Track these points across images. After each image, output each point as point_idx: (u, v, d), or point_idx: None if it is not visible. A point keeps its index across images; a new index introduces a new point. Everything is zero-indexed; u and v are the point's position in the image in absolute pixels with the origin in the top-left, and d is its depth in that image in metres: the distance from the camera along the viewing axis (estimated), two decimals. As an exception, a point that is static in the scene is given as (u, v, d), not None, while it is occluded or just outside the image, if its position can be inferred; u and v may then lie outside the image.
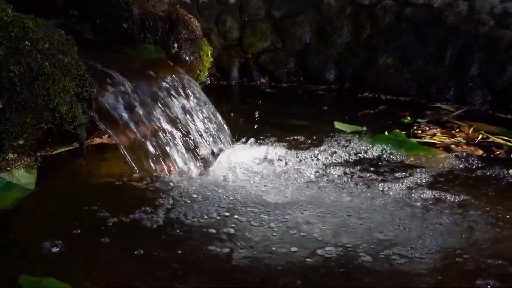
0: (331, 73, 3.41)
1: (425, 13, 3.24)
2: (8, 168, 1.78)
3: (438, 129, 2.56)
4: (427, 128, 2.56)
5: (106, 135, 2.18)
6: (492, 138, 2.43)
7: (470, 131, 2.53)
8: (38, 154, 1.94)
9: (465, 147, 2.33)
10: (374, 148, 2.27)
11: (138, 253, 1.47)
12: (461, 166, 2.12)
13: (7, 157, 1.74)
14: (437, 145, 2.34)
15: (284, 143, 2.30)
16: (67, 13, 2.38)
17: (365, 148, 2.27)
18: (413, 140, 2.37)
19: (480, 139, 2.43)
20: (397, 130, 2.47)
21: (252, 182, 1.93)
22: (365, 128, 2.52)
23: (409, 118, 2.73)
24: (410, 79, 3.17)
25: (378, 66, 3.28)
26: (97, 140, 2.21)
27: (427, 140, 2.40)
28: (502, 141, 2.39)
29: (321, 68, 3.42)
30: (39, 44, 1.68)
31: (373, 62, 3.30)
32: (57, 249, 1.45)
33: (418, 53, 3.19)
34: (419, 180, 1.95)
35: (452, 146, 2.33)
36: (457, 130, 2.54)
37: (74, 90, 1.74)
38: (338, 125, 2.56)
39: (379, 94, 3.22)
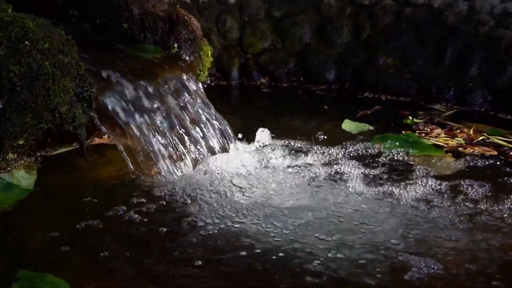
0: (331, 73, 3.41)
1: (425, 13, 3.23)
2: (8, 168, 1.78)
3: (439, 130, 2.54)
4: (428, 130, 2.54)
5: (106, 135, 2.18)
6: (492, 139, 2.42)
7: (471, 132, 2.51)
8: (38, 154, 1.94)
9: (476, 148, 2.30)
10: (386, 148, 2.25)
11: (136, 253, 1.47)
12: (483, 167, 2.09)
13: (7, 157, 1.74)
14: (445, 148, 2.30)
15: (288, 146, 2.29)
16: (67, 13, 2.38)
17: (378, 149, 2.25)
18: (425, 141, 2.35)
19: (480, 139, 2.41)
20: (409, 131, 2.46)
21: (245, 186, 1.91)
22: (371, 128, 2.51)
23: (410, 118, 2.72)
24: (410, 79, 3.17)
25: (378, 66, 3.27)
26: (97, 140, 2.21)
27: (433, 141, 2.38)
28: (502, 142, 2.39)
29: (321, 68, 3.42)
30: (39, 44, 1.68)
31: (373, 62, 3.30)
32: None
33: (418, 53, 3.19)
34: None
35: (460, 148, 2.30)
36: (457, 132, 2.53)
37: (74, 90, 1.74)
38: (345, 125, 2.55)
39: (379, 94, 3.22)
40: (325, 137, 2.39)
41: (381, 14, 3.36)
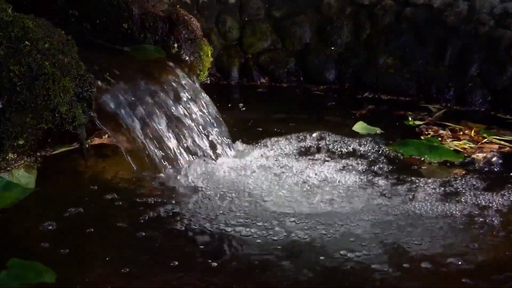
0: (331, 73, 3.41)
1: (425, 13, 3.23)
2: (8, 168, 1.79)
3: (443, 132, 2.51)
4: (432, 132, 2.50)
5: (106, 135, 2.18)
6: (492, 139, 2.41)
7: (472, 133, 2.50)
8: (38, 154, 1.94)
9: (491, 147, 2.28)
10: (410, 152, 2.21)
11: (134, 254, 1.47)
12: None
13: (7, 157, 1.75)
14: (463, 153, 2.26)
15: (295, 149, 2.26)
16: (67, 13, 2.38)
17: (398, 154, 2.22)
18: (446, 146, 2.32)
19: (485, 141, 2.39)
20: (429, 136, 2.44)
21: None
22: (378, 131, 2.48)
23: (410, 119, 2.71)
24: (410, 79, 3.17)
25: (378, 66, 3.27)
26: (97, 140, 2.21)
27: (452, 146, 2.34)
28: (504, 142, 2.38)
29: (321, 68, 3.41)
30: (39, 44, 1.68)
31: (373, 62, 3.30)
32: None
33: (418, 53, 3.19)
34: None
35: (476, 154, 2.24)
36: (460, 133, 2.52)
37: (74, 90, 1.75)
38: (356, 127, 2.53)
39: (379, 94, 3.22)
40: (336, 141, 2.35)
41: (381, 14, 3.36)
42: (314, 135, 2.38)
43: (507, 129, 2.55)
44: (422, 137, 2.44)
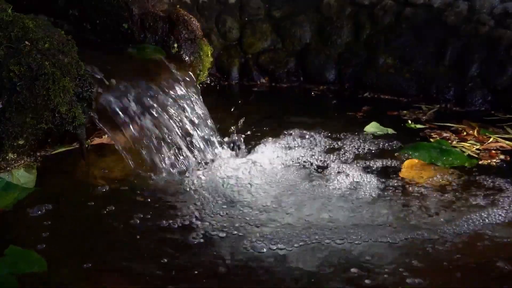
0: (331, 73, 3.41)
1: (425, 13, 3.23)
2: (8, 168, 1.79)
3: (448, 134, 2.50)
4: (437, 136, 2.49)
5: (106, 135, 2.18)
6: (500, 140, 2.41)
7: (475, 133, 2.49)
8: (38, 154, 1.94)
9: (499, 145, 2.27)
10: (421, 158, 2.16)
11: (133, 253, 1.47)
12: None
13: (7, 157, 1.75)
14: (475, 157, 2.24)
15: (301, 153, 2.25)
16: (67, 13, 2.38)
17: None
18: (457, 149, 2.28)
19: (491, 141, 2.39)
20: (438, 138, 2.42)
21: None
22: (388, 132, 2.46)
23: (410, 122, 2.70)
24: (410, 79, 3.17)
25: (378, 66, 3.27)
26: (97, 140, 2.21)
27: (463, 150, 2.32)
28: (508, 142, 2.37)
29: (321, 68, 3.41)
30: (39, 44, 1.68)
31: (373, 62, 3.30)
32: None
33: (418, 53, 3.18)
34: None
35: (489, 160, 2.19)
36: (463, 134, 2.51)
37: (74, 90, 1.75)
38: (368, 127, 2.51)
39: (379, 94, 3.22)
40: (346, 144, 2.34)
41: (381, 14, 3.36)
42: (314, 135, 2.38)
43: (500, 128, 2.57)
44: (432, 140, 2.42)
